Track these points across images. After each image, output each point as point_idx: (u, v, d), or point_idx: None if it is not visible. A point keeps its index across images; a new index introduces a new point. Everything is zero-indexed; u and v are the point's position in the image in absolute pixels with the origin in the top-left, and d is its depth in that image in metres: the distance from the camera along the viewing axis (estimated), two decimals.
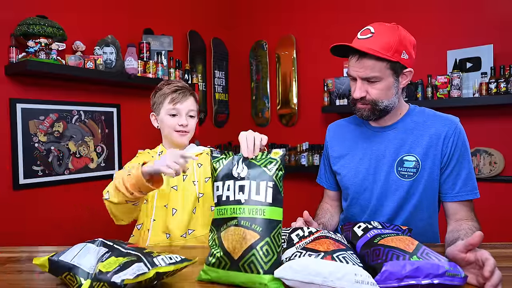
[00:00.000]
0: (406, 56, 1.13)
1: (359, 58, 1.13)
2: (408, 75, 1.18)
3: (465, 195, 1.17)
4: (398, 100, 1.20)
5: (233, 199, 0.84)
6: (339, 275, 0.69)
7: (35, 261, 0.86)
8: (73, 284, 0.80)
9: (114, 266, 0.74)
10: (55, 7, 2.21)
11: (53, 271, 0.84)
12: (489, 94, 2.35)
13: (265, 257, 0.77)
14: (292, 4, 3.32)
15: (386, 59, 1.10)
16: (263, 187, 0.83)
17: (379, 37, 1.11)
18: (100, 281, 0.72)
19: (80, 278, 0.79)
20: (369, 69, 1.12)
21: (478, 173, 2.48)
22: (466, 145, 1.20)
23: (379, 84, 1.14)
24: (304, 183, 3.20)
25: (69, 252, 0.85)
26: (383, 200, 1.23)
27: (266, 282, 0.75)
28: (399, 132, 1.23)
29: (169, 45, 2.77)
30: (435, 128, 1.19)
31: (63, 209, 2.25)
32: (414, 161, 1.18)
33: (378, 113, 1.18)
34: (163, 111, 1.38)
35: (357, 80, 1.16)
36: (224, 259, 0.80)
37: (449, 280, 0.73)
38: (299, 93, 3.32)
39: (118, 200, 1.12)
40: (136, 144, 2.59)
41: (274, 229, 0.80)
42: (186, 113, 1.38)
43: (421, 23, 2.68)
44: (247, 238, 0.79)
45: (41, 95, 2.15)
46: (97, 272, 0.73)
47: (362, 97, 1.16)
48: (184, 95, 1.38)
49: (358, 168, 1.27)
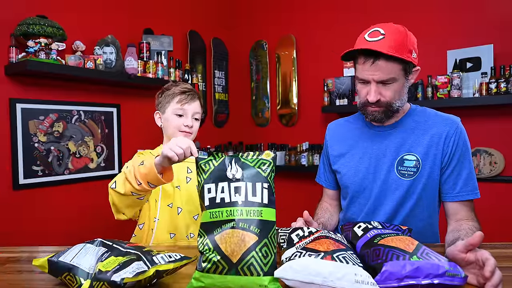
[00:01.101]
0: (415, 55, 1.13)
1: (374, 61, 1.10)
2: (415, 74, 1.18)
3: (466, 195, 1.17)
4: (406, 99, 1.20)
5: (228, 201, 0.82)
6: (339, 275, 0.69)
7: (35, 262, 0.86)
8: (73, 285, 0.80)
9: (113, 265, 0.74)
10: (55, 7, 2.21)
11: (53, 272, 0.84)
12: (489, 94, 2.35)
13: (264, 259, 0.76)
14: (292, 4, 3.32)
15: (401, 60, 1.09)
16: (259, 188, 0.82)
17: (391, 38, 1.08)
18: (100, 281, 0.71)
19: (80, 278, 0.79)
20: (387, 71, 1.10)
21: (478, 173, 2.48)
22: (467, 145, 1.20)
23: (393, 85, 1.12)
24: (304, 183, 3.20)
25: (69, 253, 0.85)
26: (382, 199, 1.23)
27: (267, 284, 0.75)
28: (400, 131, 1.23)
29: (169, 45, 2.77)
30: (436, 128, 1.19)
31: (63, 209, 2.25)
32: (415, 161, 1.18)
33: (391, 114, 1.18)
34: (170, 110, 1.39)
35: (371, 83, 1.13)
36: (222, 263, 0.77)
37: (449, 280, 0.73)
38: (299, 93, 3.32)
39: (125, 190, 1.10)
40: (136, 144, 2.59)
41: (271, 230, 0.80)
42: (192, 115, 1.40)
43: (421, 23, 2.68)
44: (246, 240, 0.77)
45: (41, 95, 2.15)
46: (97, 272, 0.73)
47: (378, 100, 1.14)
48: (192, 97, 1.41)
49: (358, 167, 1.27)
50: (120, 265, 0.74)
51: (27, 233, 2.08)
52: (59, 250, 1.17)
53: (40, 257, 0.88)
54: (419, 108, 1.27)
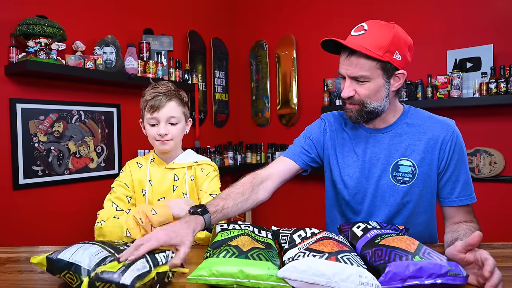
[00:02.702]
0: (399, 57, 1.07)
1: (348, 55, 1.09)
2: (401, 78, 1.12)
3: (465, 200, 1.15)
4: (389, 103, 1.15)
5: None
6: (343, 276, 0.69)
7: (33, 260, 0.85)
8: (73, 282, 0.80)
9: (118, 266, 0.74)
10: (55, 7, 2.20)
11: (52, 269, 0.84)
12: (489, 94, 2.35)
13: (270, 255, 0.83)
14: (292, 4, 3.32)
15: (376, 58, 1.06)
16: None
17: (371, 35, 1.06)
18: (104, 282, 0.71)
19: (80, 276, 0.78)
20: (358, 68, 1.07)
21: (478, 173, 2.48)
22: (463, 149, 1.17)
23: (368, 84, 1.09)
24: (304, 183, 3.20)
25: (67, 251, 0.84)
26: (377, 205, 1.19)
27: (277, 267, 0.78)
28: (394, 135, 1.18)
29: (169, 45, 2.76)
30: (431, 133, 1.15)
31: (63, 209, 2.24)
32: (411, 166, 1.14)
33: (366, 115, 1.13)
34: (145, 120, 1.31)
35: (346, 79, 1.12)
36: (232, 250, 0.82)
37: (451, 280, 0.73)
38: (299, 93, 3.32)
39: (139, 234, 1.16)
40: (136, 144, 2.59)
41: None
42: (166, 121, 1.28)
43: (421, 23, 2.68)
44: (255, 244, 0.85)
45: (41, 95, 2.15)
46: (102, 272, 0.72)
47: (350, 96, 1.12)
48: (161, 101, 1.26)
49: (352, 171, 1.21)
50: (125, 266, 0.74)
51: (27, 233, 2.07)
52: (59, 250, 1.17)
53: None
54: (412, 109, 1.23)
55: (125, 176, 1.35)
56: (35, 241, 2.07)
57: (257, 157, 3.42)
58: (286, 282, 0.73)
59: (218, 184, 1.36)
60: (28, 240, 2.05)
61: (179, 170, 1.35)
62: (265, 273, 0.74)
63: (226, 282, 0.74)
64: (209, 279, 0.74)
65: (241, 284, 0.74)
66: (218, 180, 1.37)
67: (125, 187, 1.32)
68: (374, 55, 1.04)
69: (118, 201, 1.29)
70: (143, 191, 1.34)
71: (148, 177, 1.34)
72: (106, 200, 1.30)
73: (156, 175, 1.34)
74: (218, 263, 0.76)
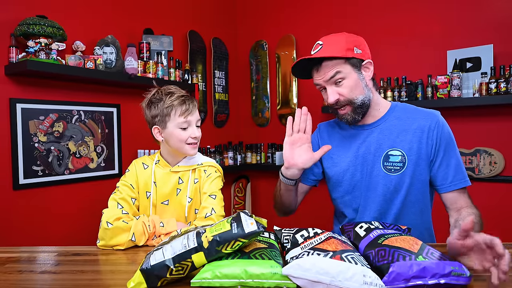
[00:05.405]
0: (359, 51, 1.20)
1: (317, 66, 1.22)
2: (370, 66, 1.23)
3: (459, 183, 1.21)
4: (371, 93, 1.25)
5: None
6: (347, 275, 0.68)
7: (129, 284, 0.80)
8: (184, 269, 0.79)
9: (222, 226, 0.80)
10: (55, 7, 2.20)
11: (153, 279, 0.79)
12: (489, 94, 2.36)
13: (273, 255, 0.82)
14: (292, 4, 3.32)
15: (340, 57, 1.18)
16: None
17: (328, 45, 1.19)
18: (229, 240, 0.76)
19: (189, 260, 0.79)
20: (329, 68, 1.18)
21: (478, 173, 2.48)
22: (451, 135, 1.24)
23: (345, 82, 1.19)
24: None
25: (150, 260, 0.81)
26: (372, 196, 1.26)
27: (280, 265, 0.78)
28: (383, 129, 1.27)
29: (169, 45, 2.76)
30: (417, 123, 1.23)
31: (63, 209, 2.24)
32: (400, 155, 1.22)
33: (359, 111, 1.22)
34: (172, 125, 1.28)
35: (327, 87, 1.22)
36: (235, 252, 0.82)
37: (455, 280, 0.73)
38: (299, 93, 3.32)
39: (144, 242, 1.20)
40: (136, 144, 2.59)
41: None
42: (195, 123, 1.31)
43: (421, 23, 2.68)
44: (258, 244, 0.85)
45: (41, 95, 2.15)
46: (217, 235, 0.77)
47: (337, 100, 1.21)
48: (193, 104, 1.30)
49: (346, 167, 1.30)
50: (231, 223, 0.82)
51: (27, 233, 2.07)
52: (59, 250, 1.17)
53: (40, 257, 0.87)
54: (400, 104, 1.31)
55: (131, 176, 1.35)
56: (35, 241, 2.06)
57: (257, 157, 3.42)
58: (290, 279, 0.73)
59: (218, 185, 1.36)
60: (28, 240, 2.05)
61: (183, 173, 1.35)
62: (269, 271, 0.74)
63: (230, 284, 0.74)
64: (213, 282, 0.74)
65: (245, 285, 0.73)
66: (219, 181, 1.37)
67: (130, 188, 1.33)
68: (337, 55, 1.17)
69: (123, 202, 1.29)
70: (147, 193, 1.34)
71: (153, 179, 1.34)
72: (111, 199, 1.29)
73: (160, 177, 1.35)
74: (221, 265, 0.76)
